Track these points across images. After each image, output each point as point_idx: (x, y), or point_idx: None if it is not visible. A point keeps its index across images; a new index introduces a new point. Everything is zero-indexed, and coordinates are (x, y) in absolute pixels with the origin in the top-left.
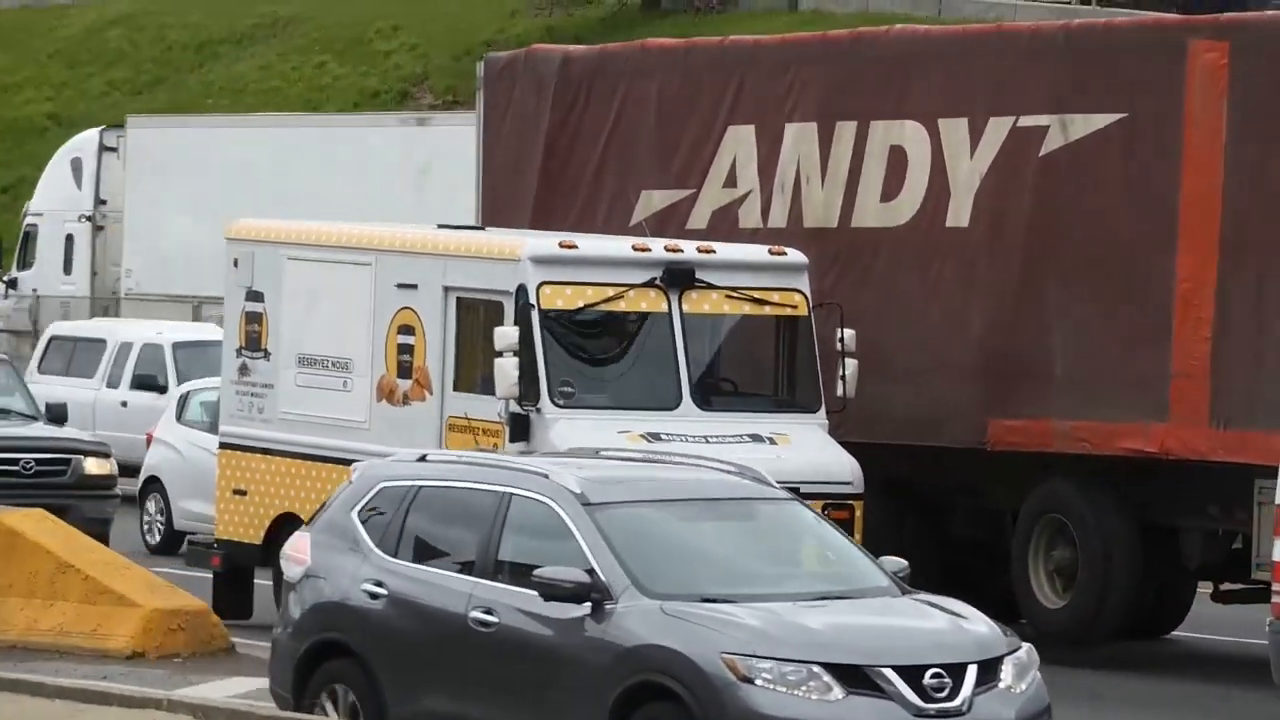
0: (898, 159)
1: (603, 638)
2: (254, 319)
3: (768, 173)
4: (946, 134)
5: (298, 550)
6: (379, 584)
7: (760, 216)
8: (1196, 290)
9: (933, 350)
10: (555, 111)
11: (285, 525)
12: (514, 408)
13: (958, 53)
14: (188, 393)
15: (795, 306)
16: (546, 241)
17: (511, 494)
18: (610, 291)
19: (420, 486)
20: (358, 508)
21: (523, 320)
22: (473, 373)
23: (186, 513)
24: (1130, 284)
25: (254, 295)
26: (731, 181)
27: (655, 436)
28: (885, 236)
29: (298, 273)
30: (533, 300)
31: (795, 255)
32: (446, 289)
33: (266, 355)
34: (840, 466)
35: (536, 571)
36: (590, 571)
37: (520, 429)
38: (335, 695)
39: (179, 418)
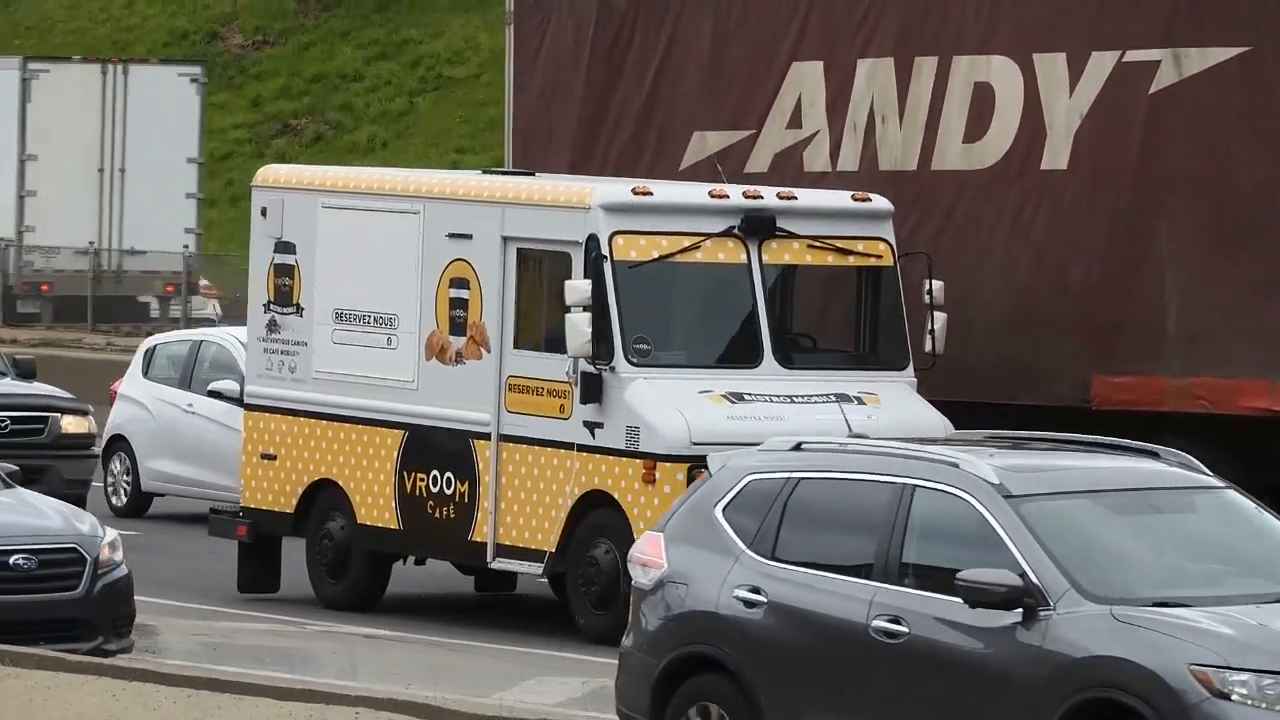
0: (983, 97)
1: (1040, 648)
2: (284, 272)
3: (838, 112)
4: (1042, 69)
5: (650, 553)
6: (755, 590)
7: (829, 159)
8: None
9: (1025, 302)
10: (596, 48)
11: (321, 492)
12: (585, 367)
13: None
14: (154, 346)
15: (880, 256)
16: (618, 188)
17: (914, 486)
18: (686, 242)
19: (798, 479)
20: (722, 504)
21: (594, 273)
22: (535, 329)
23: (154, 473)
24: (1256, 230)
25: (284, 246)
26: (796, 122)
27: (738, 397)
28: (969, 180)
29: (334, 222)
30: (605, 251)
31: (880, 201)
32: (506, 239)
33: (299, 310)
34: (933, 427)
35: (961, 574)
36: (1021, 574)
37: (592, 389)
38: (707, 714)
39: (145, 373)
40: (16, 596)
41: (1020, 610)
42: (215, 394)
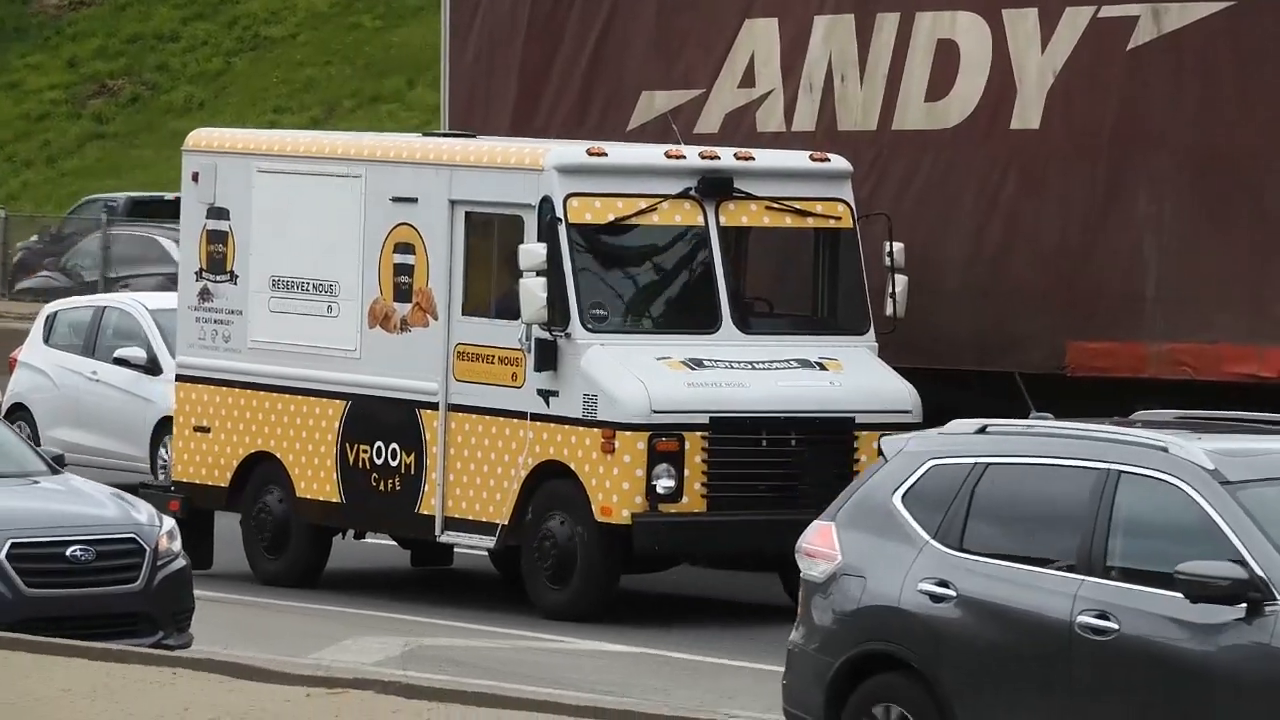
0: (948, 54)
1: (1269, 645)
2: (217, 238)
3: (793, 70)
4: (1011, 25)
5: (822, 543)
6: (943, 583)
7: (783, 119)
8: None
9: (996, 266)
10: (536, 11)
11: (257, 465)
12: (539, 333)
13: None
14: (55, 313)
15: (839, 218)
16: (573, 148)
17: (1119, 471)
18: (642, 204)
19: (986, 464)
20: (902, 491)
21: (549, 237)
22: (485, 295)
23: (56, 442)
24: (1243, 195)
25: (217, 212)
26: (749, 81)
27: (697, 363)
28: (932, 139)
29: (270, 186)
30: (560, 214)
31: (839, 162)
32: (453, 202)
33: (233, 278)
34: (899, 394)
35: (1181, 566)
36: (1244, 566)
37: (547, 357)
38: (889, 715)
39: (46, 340)
40: (75, 590)
41: (1244, 605)
42: (121, 361)
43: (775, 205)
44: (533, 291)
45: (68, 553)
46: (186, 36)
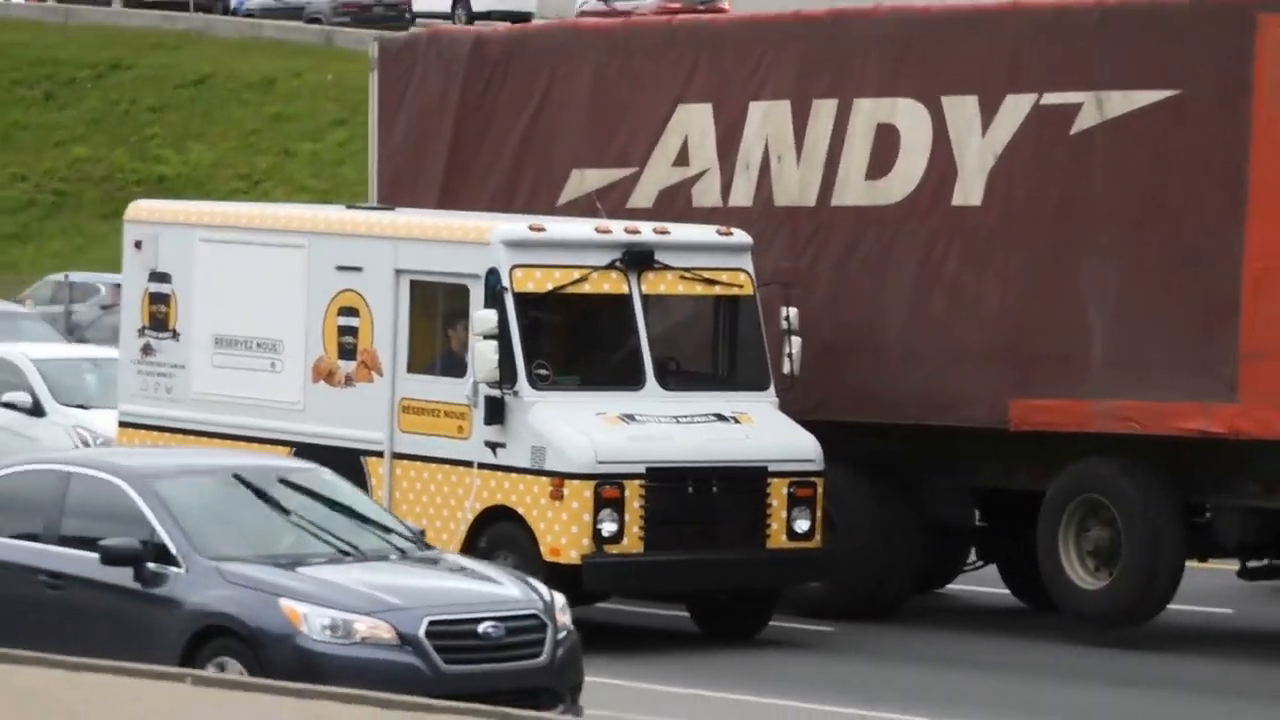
0: (888, 136)
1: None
2: (160, 299)
3: (729, 151)
4: (951, 111)
5: None
6: None
7: (719, 195)
8: (1271, 268)
9: (938, 331)
10: (467, 92)
11: None
12: (488, 390)
13: (963, 33)
14: None
15: (741, 286)
16: (516, 225)
17: None
18: (576, 274)
19: None
20: None
21: (496, 304)
22: (429, 355)
23: None
24: (1186, 262)
25: (159, 276)
26: (683, 160)
27: (630, 418)
28: (873, 215)
29: (212, 254)
30: (506, 283)
31: (740, 235)
32: (399, 271)
33: (175, 335)
34: (804, 445)
35: None
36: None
37: (496, 411)
38: None
39: None
40: (486, 666)
41: None
42: (8, 405)
43: (688, 275)
44: (484, 354)
45: (480, 629)
46: None
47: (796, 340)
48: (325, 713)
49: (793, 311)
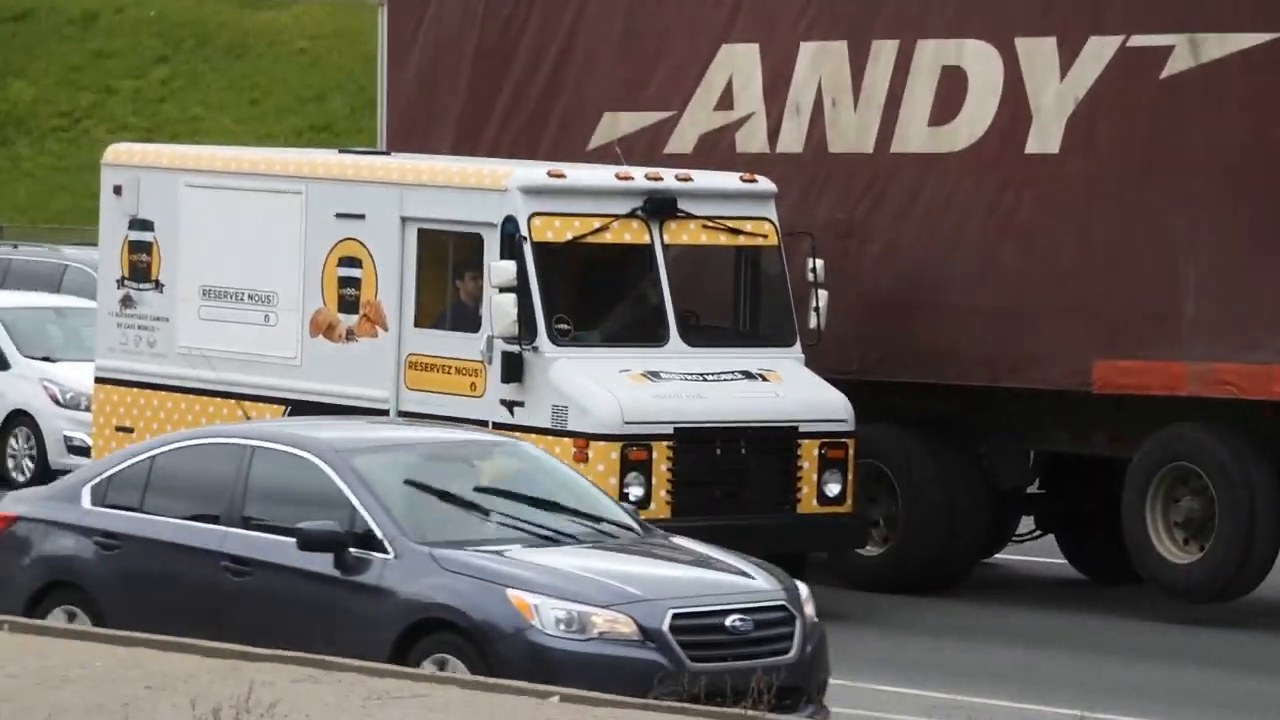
0: (954, 80)
1: None
2: (141, 248)
3: (777, 94)
4: (1026, 54)
5: None
6: None
7: (766, 141)
8: None
9: (1010, 286)
10: (487, 27)
11: None
12: (505, 346)
13: None
14: None
15: (766, 236)
16: (535, 170)
17: None
18: (597, 223)
19: None
20: None
21: (515, 254)
22: (438, 308)
23: None
24: None
25: (140, 224)
26: (726, 103)
27: (655, 375)
28: (936, 163)
29: (199, 201)
30: (525, 232)
31: (765, 182)
32: (405, 219)
33: (158, 286)
34: (835, 404)
35: None
36: None
37: (514, 369)
38: None
39: None
40: (733, 663)
41: None
42: None
43: (711, 224)
44: (504, 307)
45: (727, 623)
46: None
47: (823, 294)
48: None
49: (819, 263)
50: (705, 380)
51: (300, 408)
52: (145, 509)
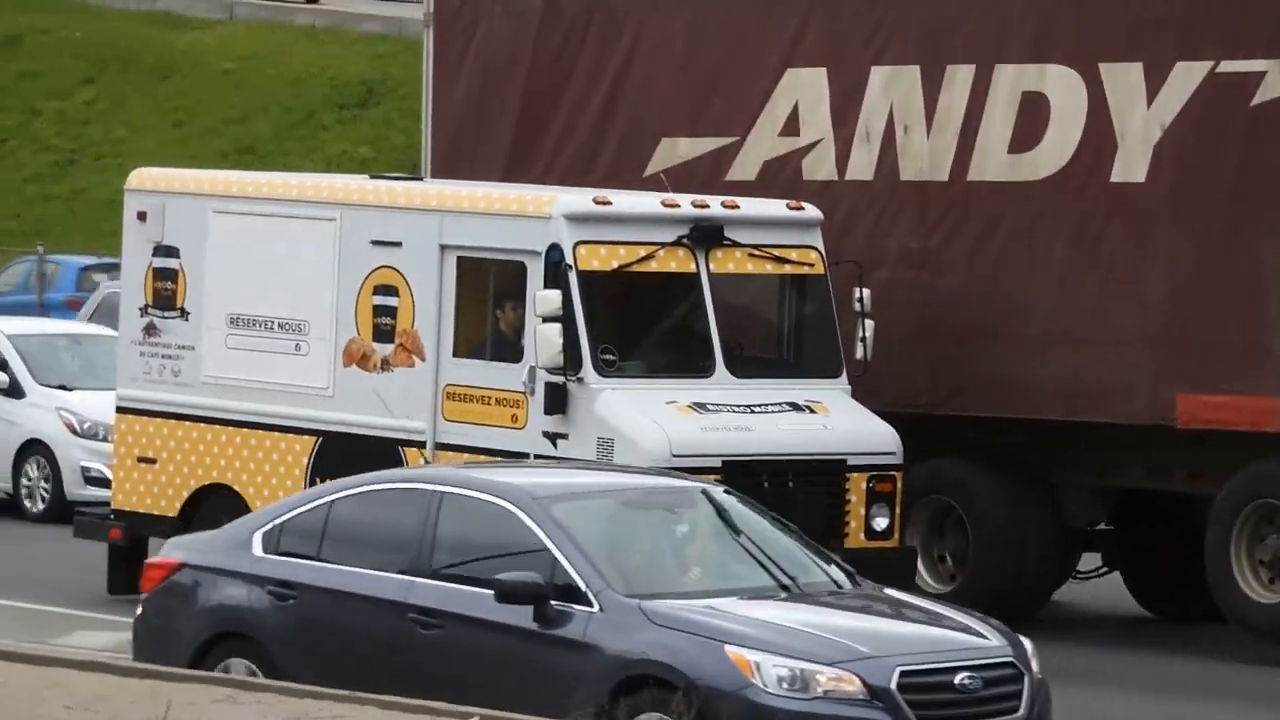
0: (1035, 106)
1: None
2: (166, 275)
3: (846, 120)
4: (1111, 79)
5: None
6: None
7: (834, 168)
8: None
9: (1092, 316)
10: (540, 52)
11: (209, 497)
12: (549, 377)
13: None
14: None
15: (813, 264)
16: (580, 197)
17: None
18: (642, 251)
19: None
20: None
21: (559, 283)
22: (477, 337)
23: None
24: None
25: (165, 250)
26: (792, 129)
27: (702, 407)
28: (1017, 191)
29: (228, 227)
30: (570, 261)
31: (811, 210)
32: (444, 247)
33: (184, 314)
34: (884, 436)
35: None
36: None
37: (557, 400)
38: None
39: None
40: None
41: None
42: None
43: (757, 252)
44: (549, 337)
45: (956, 681)
46: None
47: (870, 324)
48: None
49: (866, 292)
50: (752, 412)
51: (331, 439)
52: (322, 557)
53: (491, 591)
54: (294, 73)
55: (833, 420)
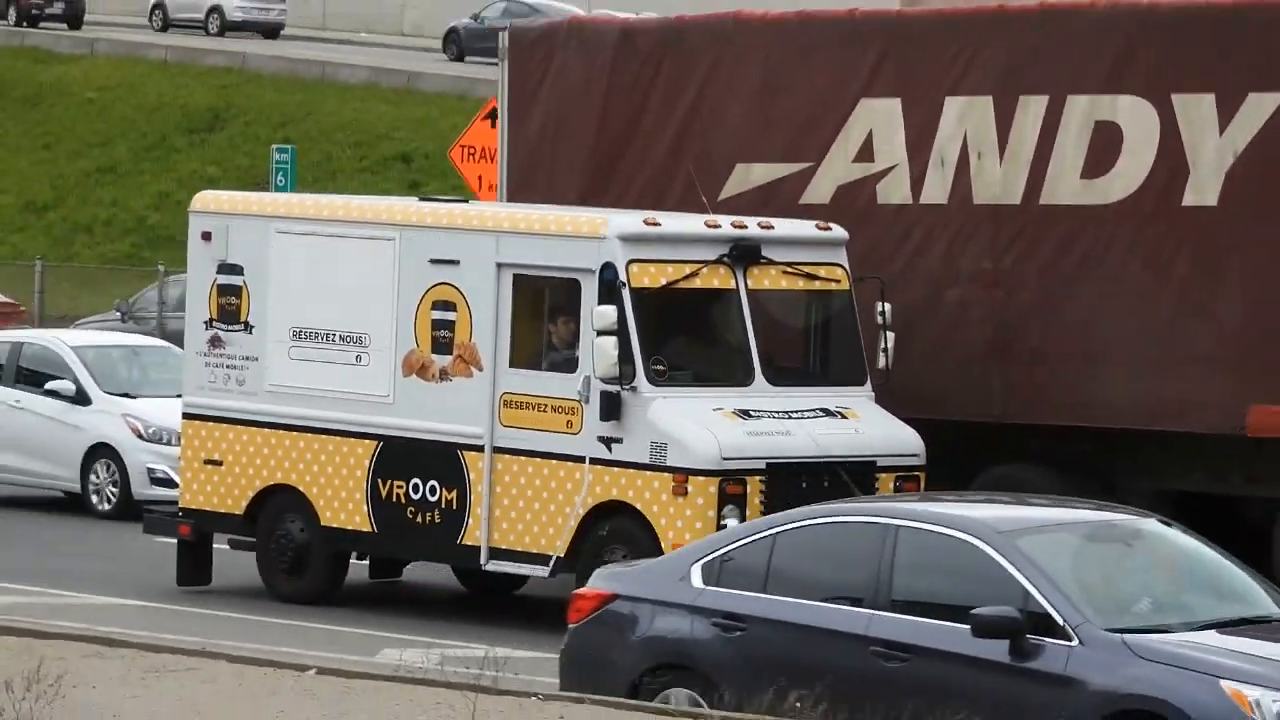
0: (1107, 135)
1: None
2: (230, 291)
3: (920, 147)
4: (1183, 110)
5: None
6: None
7: (909, 192)
8: None
9: (1164, 337)
10: (615, 84)
11: (272, 496)
12: (604, 386)
13: (1197, 28)
14: None
15: (838, 281)
16: (631, 218)
17: None
18: (688, 269)
19: None
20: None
21: (614, 299)
22: (533, 349)
23: None
24: None
25: (229, 268)
26: (866, 155)
27: (746, 413)
28: (1089, 215)
29: (290, 246)
30: (623, 278)
31: (838, 230)
32: (500, 265)
33: (247, 328)
34: (908, 439)
35: None
36: None
37: (612, 408)
38: None
39: None
40: None
41: None
42: (51, 393)
43: (790, 270)
44: (605, 349)
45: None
46: None
47: (890, 335)
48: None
49: (887, 306)
50: (790, 418)
51: (392, 443)
52: (768, 590)
53: (962, 625)
54: (149, 101)
55: (863, 424)
